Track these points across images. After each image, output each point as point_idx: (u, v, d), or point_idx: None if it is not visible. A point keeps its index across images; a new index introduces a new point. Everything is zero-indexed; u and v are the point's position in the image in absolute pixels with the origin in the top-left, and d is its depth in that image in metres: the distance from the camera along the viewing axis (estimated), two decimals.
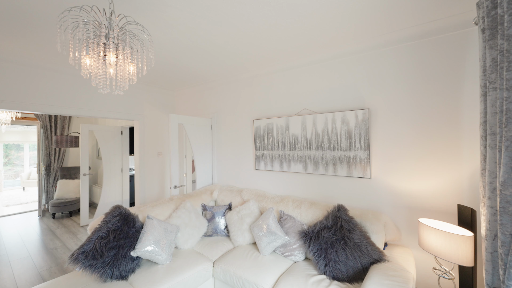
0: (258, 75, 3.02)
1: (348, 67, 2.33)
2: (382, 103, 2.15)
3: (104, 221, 1.88)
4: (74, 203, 4.87)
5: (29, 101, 2.63)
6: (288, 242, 2.13)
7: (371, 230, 1.94)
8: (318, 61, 2.50)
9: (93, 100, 3.16)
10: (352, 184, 2.32)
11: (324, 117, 2.44)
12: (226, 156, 3.42)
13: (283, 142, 2.76)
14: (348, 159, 2.31)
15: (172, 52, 2.39)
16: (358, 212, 2.08)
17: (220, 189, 3.10)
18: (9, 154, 9.19)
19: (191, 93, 3.90)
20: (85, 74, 1.38)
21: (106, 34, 1.31)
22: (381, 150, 2.16)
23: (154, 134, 3.92)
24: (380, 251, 1.80)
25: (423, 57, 1.95)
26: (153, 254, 1.91)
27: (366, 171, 2.21)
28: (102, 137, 4.59)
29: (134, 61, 1.47)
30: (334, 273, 1.77)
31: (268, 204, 2.55)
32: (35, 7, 1.61)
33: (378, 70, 2.16)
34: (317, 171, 2.51)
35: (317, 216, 2.20)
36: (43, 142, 5.19)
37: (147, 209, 2.35)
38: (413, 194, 2.01)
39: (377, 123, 2.18)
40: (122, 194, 4.87)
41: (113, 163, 4.72)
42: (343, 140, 2.33)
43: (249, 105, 3.15)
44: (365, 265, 1.74)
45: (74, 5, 1.44)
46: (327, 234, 1.90)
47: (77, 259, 1.66)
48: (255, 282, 1.81)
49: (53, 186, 5.29)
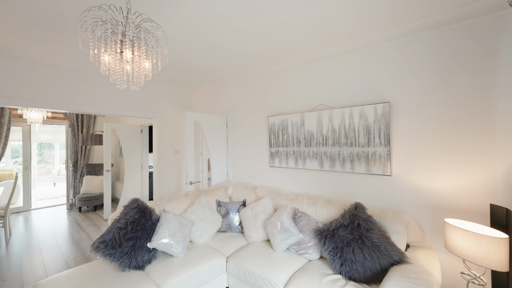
0: (272, 71, 2.99)
1: (367, 60, 2.22)
2: (404, 96, 2.02)
3: (123, 213, 1.95)
4: (98, 198, 5.14)
5: (57, 101, 2.82)
6: (303, 240, 2.08)
7: (391, 230, 1.83)
8: (334, 55, 2.42)
9: (115, 99, 3.31)
10: (371, 181, 2.21)
11: (341, 112, 2.35)
12: (240, 153, 3.43)
13: (298, 139, 2.71)
14: (366, 156, 2.21)
15: (187, 50, 2.43)
16: (377, 211, 1.98)
17: (234, 186, 3.11)
18: (42, 153, 9.93)
19: (207, 91, 3.96)
20: (104, 71, 1.43)
21: (123, 32, 1.36)
22: (402, 146, 2.04)
23: (172, 132, 4.03)
24: (401, 252, 1.69)
25: (450, 46, 1.81)
26: (168, 247, 1.96)
27: (386, 168, 2.10)
28: (124, 135, 4.80)
29: (149, 58, 1.51)
30: (351, 273, 1.70)
31: (283, 201, 2.51)
32: (61, 11, 1.70)
33: (400, 62, 2.04)
34: (334, 168, 2.43)
35: (333, 214, 2.13)
36: (71, 140, 5.54)
37: (164, 203, 2.42)
38: (438, 193, 1.87)
39: (398, 117, 2.06)
40: (142, 190, 5.07)
41: (133, 160, 4.92)
42: (361, 136, 2.24)
43: (263, 102, 3.13)
44: (384, 266, 1.65)
45: (94, 5, 1.50)
46: (343, 232, 1.83)
47: (98, 247, 1.74)
48: (268, 278, 1.79)
49: (79, 181, 5.64)
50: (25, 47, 2.35)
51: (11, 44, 2.28)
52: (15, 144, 8.14)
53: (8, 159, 7.80)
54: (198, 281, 1.89)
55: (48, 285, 1.62)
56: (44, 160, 9.91)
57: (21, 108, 2.64)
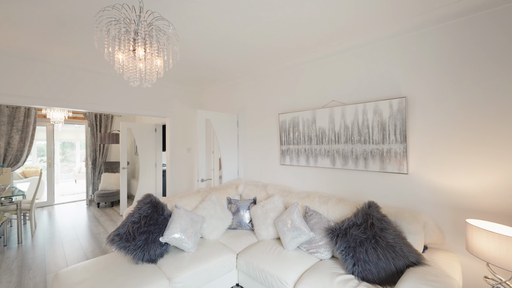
0: (283, 68, 2.96)
1: (382, 54, 2.14)
2: (422, 90, 1.93)
3: (137, 208, 2.01)
4: (115, 194, 5.35)
5: (76, 100, 2.95)
6: (314, 239, 2.04)
7: (408, 231, 1.75)
8: (347, 49, 2.35)
9: (130, 98, 3.42)
10: (386, 180, 2.13)
11: (354, 108, 2.29)
12: (251, 151, 3.43)
13: (310, 136, 2.66)
14: (381, 153, 2.13)
15: (198, 48, 2.46)
16: (392, 210, 1.91)
17: (245, 184, 3.11)
18: (65, 152, 10.48)
19: (218, 90, 4.00)
20: (118, 69, 1.48)
21: (135, 30, 1.39)
22: (420, 143, 1.95)
23: (184, 131, 4.10)
24: (418, 253, 1.61)
25: (474, 36, 1.70)
26: (179, 242, 1.99)
27: (402, 166, 2.01)
28: (139, 134, 4.96)
29: (161, 55, 1.54)
30: (364, 273, 1.64)
31: (293, 200, 2.48)
32: (79, 13, 1.78)
33: (417, 54, 1.95)
34: (346, 166, 2.36)
35: (345, 213, 2.07)
36: (90, 139, 5.80)
37: (175, 199, 2.46)
38: (459, 192, 1.77)
39: (415, 113, 1.96)
40: (156, 187, 5.21)
41: (148, 158, 5.07)
42: (375, 133, 2.16)
43: (274, 99, 3.10)
44: (400, 267, 1.58)
45: (108, 5, 1.56)
46: (356, 231, 1.77)
47: (113, 240, 1.80)
48: (278, 276, 1.77)
49: (98, 178, 5.88)
50: (47, 49, 2.48)
51: (34, 47, 2.42)
52: (41, 144, 8.63)
53: (34, 157, 8.29)
54: (208, 276, 1.91)
55: (68, 275, 1.70)
56: (67, 159, 10.44)
57: (44, 107, 2.80)
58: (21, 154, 4.73)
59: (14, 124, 4.64)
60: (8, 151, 4.59)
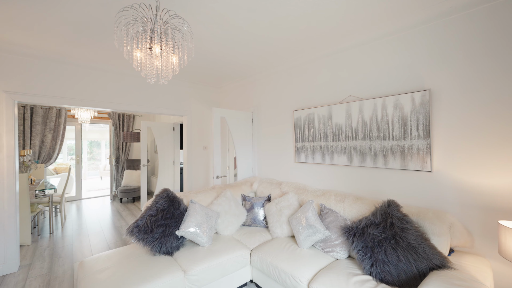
0: (298, 65, 2.91)
1: (403, 45, 2.03)
2: (447, 82, 1.80)
3: (154, 201, 2.08)
4: (136, 191, 5.60)
5: (101, 100, 3.13)
6: (329, 237, 1.99)
7: (432, 232, 1.65)
8: (365, 42, 2.26)
9: (150, 98, 3.56)
10: (407, 178, 2.02)
11: (373, 103, 2.19)
12: (266, 149, 3.42)
13: (325, 133, 2.60)
14: (402, 150, 2.02)
15: (213, 46, 2.49)
16: (414, 210, 1.80)
17: (260, 181, 3.11)
18: (92, 151, 11.17)
19: (233, 88, 4.03)
20: (136, 66, 1.54)
21: (152, 28, 1.44)
22: (445, 138, 1.82)
23: (200, 129, 4.19)
24: (443, 256, 1.51)
25: (505, 22, 1.55)
26: (195, 236, 2.03)
27: (426, 163, 1.89)
28: (158, 133, 5.14)
29: (176, 52, 1.58)
30: (382, 275, 1.57)
31: (308, 197, 2.43)
32: (102, 17, 1.88)
33: (443, 44, 1.82)
34: (364, 163, 2.27)
35: (363, 211, 1.99)
36: (113, 138, 6.12)
37: (191, 194, 2.52)
38: (490, 191, 1.62)
39: (440, 106, 1.84)
40: (174, 184, 5.37)
41: (166, 156, 5.24)
42: (395, 128, 2.05)
43: (289, 96, 3.07)
44: (422, 270, 1.49)
45: (126, 5, 1.63)
46: (374, 231, 1.69)
47: (132, 231, 1.88)
48: (292, 273, 1.74)
49: (120, 175, 6.19)
50: (74, 52, 2.66)
51: (63, 50, 2.60)
52: (71, 143, 9.26)
53: (65, 155, 8.92)
54: (222, 271, 1.93)
55: (92, 263, 1.80)
56: (93, 158, 11.12)
57: (72, 107, 2.99)
58: (53, 152, 5.11)
59: (47, 124, 5.02)
60: (42, 148, 4.98)
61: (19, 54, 2.56)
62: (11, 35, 2.26)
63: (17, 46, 2.48)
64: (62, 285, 2.28)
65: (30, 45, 2.48)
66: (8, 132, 2.51)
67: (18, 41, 2.38)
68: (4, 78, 2.50)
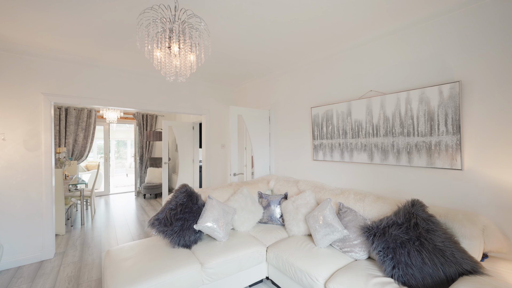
0: (315, 61, 2.85)
1: (429, 35, 1.90)
2: (481, 72, 1.65)
3: (174, 196, 2.16)
4: (158, 187, 5.85)
5: (127, 100, 3.31)
6: (348, 237, 1.92)
7: (462, 234, 1.53)
8: (386, 34, 2.15)
9: (171, 98, 3.70)
10: (434, 176, 1.89)
11: (396, 98, 2.08)
12: (283, 147, 3.39)
13: (344, 130, 2.51)
14: (428, 146, 1.89)
15: (230, 45, 2.53)
16: (441, 211, 1.68)
17: (276, 179, 3.09)
18: (119, 150, 11.88)
19: (250, 87, 4.05)
20: (156, 65, 1.61)
21: (171, 28, 1.50)
22: (478, 134, 1.67)
23: (218, 128, 4.27)
24: (475, 261, 1.39)
25: None
26: (212, 230, 2.07)
27: (455, 160, 1.76)
28: (178, 132, 5.33)
29: (193, 51, 1.62)
30: (405, 278, 1.48)
31: (326, 196, 2.37)
32: (127, 20, 1.99)
33: (476, 31, 1.67)
34: (386, 161, 2.17)
35: (384, 211, 1.90)
36: (138, 137, 6.45)
37: (209, 190, 2.58)
38: None
39: (472, 99, 1.69)
40: (193, 182, 5.53)
41: (186, 154, 5.42)
42: (420, 123, 1.93)
43: (306, 93, 3.02)
44: (450, 275, 1.39)
45: (147, 7, 1.70)
46: (396, 231, 1.61)
47: (153, 224, 1.97)
48: (308, 271, 1.71)
49: (144, 172, 6.51)
50: (103, 55, 2.84)
51: (92, 54, 2.79)
52: (100, 143, 9.93)
53: (95, 154, 9.57)
54: (238, 266, 1.95)
55: (117, 252, 1.92)
56: (120, 156, 11.82)
57: (101, 107, 3.21)
58: (84, 150, 5.52)
59: (79, 124, 5.43)
60: (75, 146, 5.39)
61: (55, 59, 2.79)
62: (48, 42, 2.47)
63: (53, 51, 2.72)
64: (92, 272, 2.45)
65: (64, 50, 2.70)
66: (45, 131, 2.76)
67: (54, 46, 2.60)
68: (42, 81, 2.74)
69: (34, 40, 2.43)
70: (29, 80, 2.67)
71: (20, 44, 2.53)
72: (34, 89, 2.70)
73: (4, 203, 2.54)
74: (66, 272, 2.45)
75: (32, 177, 2.68)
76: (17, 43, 2.51)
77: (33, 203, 2.69)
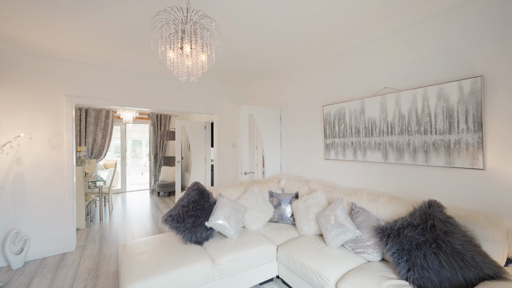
0: (326, 58, 2.81)
1: (448, 28, 1.82)
2: (506, 66, 1.56)
3: (186, 193, 2.21)
4: (171, 185, 6.00)
5: (141, 100, 3.42)
6: (360, 238, 1.88)
7: (483, 237, 1.45)
8: (402, 29, 2.07)
9: (183, 98, 3.79)
10: (453, 176, 1.80)
11: (412, 94, 2.00)
12: (294, 146, 3.37)
13: (357, 128, 2.46)
14: (446, 145, 1.81)
15: (241, 45, 2.54)
16: (460, 213, 1.60)
17: (287, 178, 3.08)
18: (135, 149, 12.29)
19: (261, 86, 4.05)
20: (169, 65, 1.65)
21: (183, 29, 1.53)
22: (503, 132, 1.58)
23: (230, 127, 4.31)
24: (498, 265, 1.31)
25: None
26: (222, 228, 2.10)
27: (477, 160, 1.67)
28: (191, 131, 5.44)
29: (205, 51, 1.65)
30: (421, 281, 1.43)
31: (338, 195, 2.33)
32: (142, 23, 2.06)
33: (501, 20, 1.58)
34: (401, 160, 2.09)
35: (399, 212, 1.84)
36: (152, 136, 6.65)
37: (220, 189, 2.61)
38: None
39: (496, 95, 1.60)
40: (205, 180, 5.62)
41: (198, 154, 5.51)
42: (438, 121, 1.85)
43: (318, 91, 2.97)
44: (470, 279, 1.32)
45: (160, 9, 1.75)
46: (412, 233, 1.55)
47: (166, 220, 2.03)
48: (319, 271, 1.69)
49: (158, 171, 6.70)
50: (119, 58, 2.96)
51: (110, 57, 2.91)
52: (118, 143, 10.33)
53: (113, 153, 9.97)
54: (248, 263, 1.96)
55: (132, 246, 1.99)
56: (136, 156, 12.22)
57: (118, 107, 3.33)
58: (102, 149, 5.76)
59: (98, 124, 5.68)
60: (94, 146, 5.65)
61: (76, 62, 2.94)
62: (69, 46, 2.61)
63: (73, 55, 2.86)
64: (109, 264, 2.56)
65: (83, 53, 2.84)
66: (67, 131, 2.91)
67: (75, 50, 2.73)
68: (64, 84, 2.90)
69: (56, 44, 2.57)
70: (52, 82, 2.83)
71: (44, 49, 2.69)
72: (57, 91, 2.86)
73: (32, 198, 2.72)
74: (86, 264, 2.57)
75: (55, 174, 2.84)
76: (41, 48, 2.67)
77: (57, 199, 2.85)
